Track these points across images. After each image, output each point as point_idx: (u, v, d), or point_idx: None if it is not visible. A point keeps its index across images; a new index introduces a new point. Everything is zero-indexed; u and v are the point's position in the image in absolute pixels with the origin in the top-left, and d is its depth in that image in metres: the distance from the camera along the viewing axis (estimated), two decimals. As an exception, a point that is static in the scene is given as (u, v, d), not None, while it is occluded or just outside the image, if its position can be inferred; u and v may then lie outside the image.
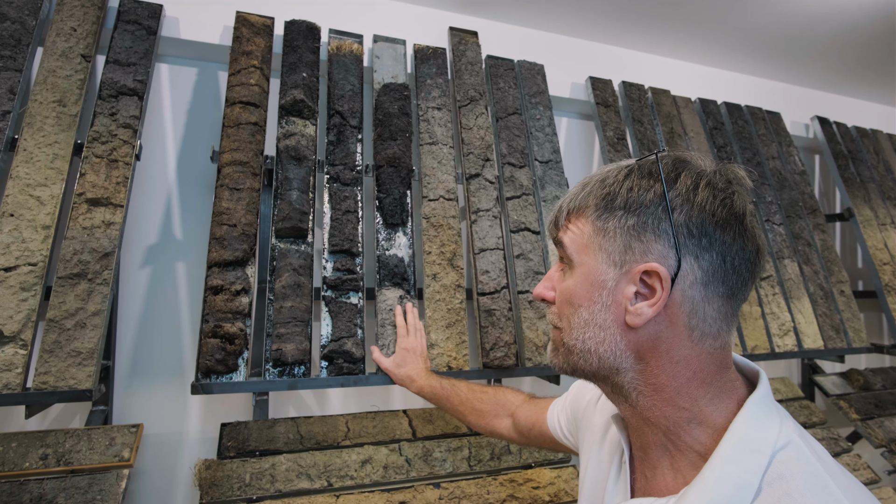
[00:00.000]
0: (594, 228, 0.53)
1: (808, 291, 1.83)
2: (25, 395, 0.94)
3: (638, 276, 0.51)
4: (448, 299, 1.31)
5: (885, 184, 2.24)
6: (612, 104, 1.82)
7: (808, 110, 2.36)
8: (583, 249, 0.54)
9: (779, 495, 0.44)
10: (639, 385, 0.54)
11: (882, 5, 1.74)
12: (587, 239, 0.54)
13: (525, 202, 1.50)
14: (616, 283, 0.52)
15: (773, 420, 0.49)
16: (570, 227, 0.56)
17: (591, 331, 0.53)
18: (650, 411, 0.54)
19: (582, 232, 0.54)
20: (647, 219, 0.51)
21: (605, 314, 0.52)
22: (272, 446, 1.15)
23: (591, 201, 0.54)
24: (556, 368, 0.58)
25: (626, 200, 0.52)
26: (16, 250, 1.01)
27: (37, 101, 1.12)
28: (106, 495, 0.96)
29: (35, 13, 1.20)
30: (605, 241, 0.52)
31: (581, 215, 0.55)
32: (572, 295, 0.55)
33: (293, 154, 1.27)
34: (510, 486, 1.21)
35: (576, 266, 0.55)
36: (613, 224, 0.52)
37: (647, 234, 0.50)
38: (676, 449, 0.53)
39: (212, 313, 1.08)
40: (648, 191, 0.51)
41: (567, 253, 0.56)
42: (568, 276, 0.56)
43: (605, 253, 0.52)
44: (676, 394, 0.52)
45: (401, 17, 1.67)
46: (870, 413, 1.64)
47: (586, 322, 0.53)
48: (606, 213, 0.53)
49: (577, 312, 0.54)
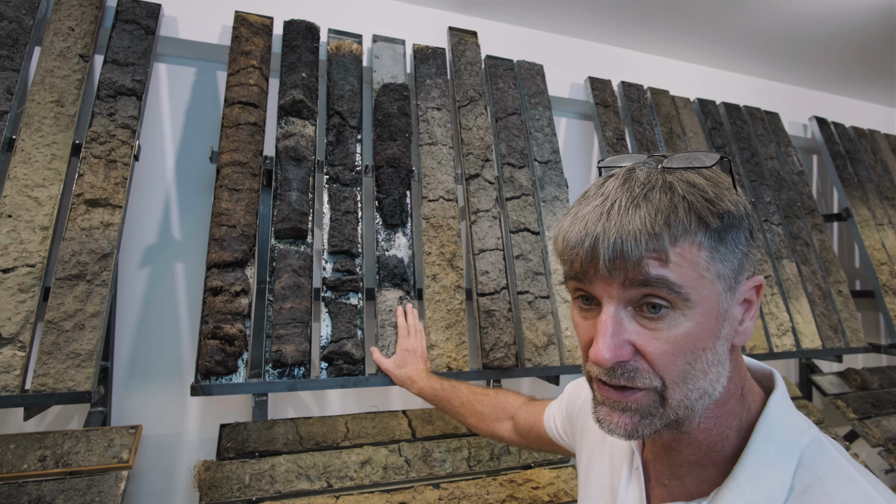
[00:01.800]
0: (711, 254, 0.44)
1: (807, 291, 1.84)
2: (24, 396, 0.94)
3: (744, 295, 0.47)
4: (448, 300, 1.31)
5: (883, 184, 2.25)
6: (611, 104, 1.82)
7: (807, 111, 2.37)
8: (699, 282, 0.44)
9: (815, 493, 0.44)
10: (710, 408, 0.49)
11: (880, 7, 1.74)
12: (703, 269, 0.44)
13: (524, 203, 1.50)
14: (731, 308, 0.46)
15: (794, 419, 0.50)
16: (677, 260, 0.43)
17: (713, 371, 0.46)
18: (706, 432, 0.50)
19: (695, 262, 0.44)
20: (747, 233, 0.47)
21: (725, 346, 0.47)
22: (272, 447, 1.15)
23: (707, 220, 0.44)
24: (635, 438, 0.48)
25: (733, 215, 0.45)
26: (14, 251, 1.00)
27: (34, 101, 1.12)
28: (105, 497, 0.96)
29: (32, 12, 1.19)
30: (721, 267, 0.45)
31: (688, 240, 0.44)
32: (696, 340, 0.45)
33: (292, 154, 1.27)
34: (510, 487, 1.21)
35: (693, 303, 0.44)
36: (730, 245, 0.45)
37: (749, 248, 0.47)
38: (710, 461, 0.51)
39: (211, 314, 1.07)
40: (739, 202, 0.47)
41: (678, 293, 0.44)
42: (677, 319, 0.44)
43: (722, 280, 0.45)
44: (732, 403, 0.50)
45: (400, 16, 1.67)
46: (867, 412, 1.65)
47: (710, 364, 0.46)
48: (724, 234, 0.45)
49: (700, 358, 0.45)
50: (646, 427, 0.47)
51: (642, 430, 0.47)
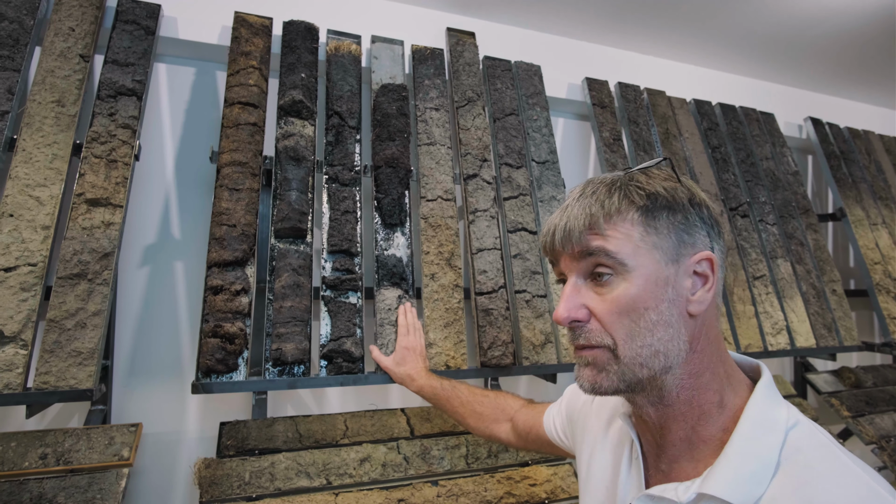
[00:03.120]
0: (644, 228, 0.54)
1: (801, 291, 1.85)
2: (26, 394, 0.95)
3: (693, 267, 0.54)
4: (446, 299, 1.32)
5: (877, 184, 2.27)
6: (608, 105, 1.83)
7: (802, 111, 2.38)
8: (636, 251, 0.53)
9: (798, 467, 0.48)
10: (683, 378, 0.55)
11: (874, 9, 1.76)
12: (638, 240, 0.54)
13: (522, 202, 1.51)
14: (676, 277, 0.54)
15: (780, 403, 0.54)
16: (612, 233, 0.54)
17: (660, 331, 0.53)
18: (686, 404, 0.56)
19: (629, 235, 0.54)
20: (687, 215, 0.55)
21: (672, 310, 0.54)
22: (271, 445, 1.16)
23: (635, 200, 0.54)
24: (599, 392, 0.55)
25: (666, 199, 0.55)
26: (15, 251, 1.01)
27: (35, 101, 1.12)
28: (106, 494, 0.97)
29: (33, 13, 1.20)
30: (658, 239, 0.54)
31: (622, 218, 0.54)
32: (635, 300, 0.53)
33: (292, 154, 1.28)
34: (507, 484, 1.23)
35: (631, 269, 0.53)
36: (664, 222, 0.54)
37: (691, 228, 0.55)
38: (700, 439, 0.56)
39: (212, 313, 1.08)
40: (677, 190, 0.56)
41: (616, 258, 0.53)
42: (618, 283, 0.54)
43: (660, 251, 0.54)
44: (713, 376, 0.56)
45: (398, 17, 1.68)
46: (860, 410, 1.67)
47: (655, 323, 0.53)
48: (654, 212, 0.54)
49: (643, 316, 0.53)
50: (604, 380, 0.55)
51: (601, 382, 0.55)
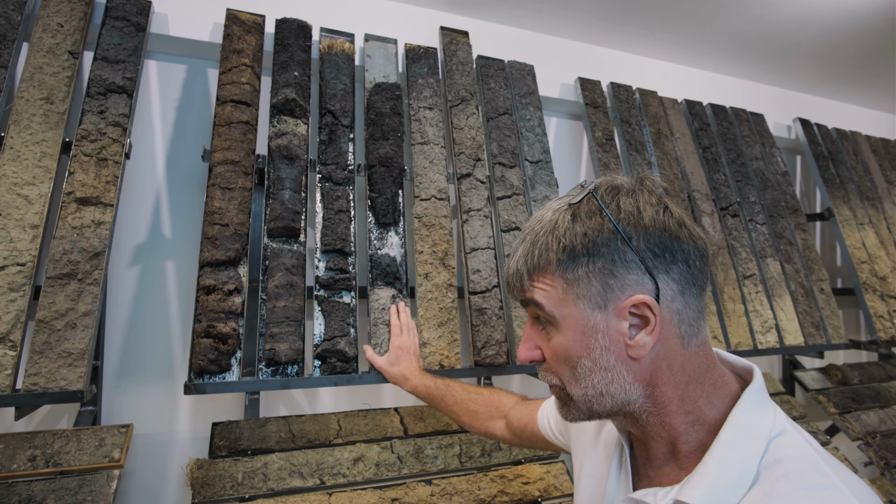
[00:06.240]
0: (565, 281, 0.53)
1: (790, 289, 1.88)
2: (15, 396, 0.93)
3: (626, 311, 0.51)
4: (440, 298, 1.32)
5: (864, 184, 2.30)
6: (600, 105, 1.84)
7: (791, 112, 2.41)
8: (561, 303, 0.53)
9: (776, 477, 0.47)
10: (649, 407, 0.55)
11: (863, 12, 1.78)
12: (561, 292, 0.53)
13: (515, 202, 1.52)
14: (606, 323, 0.52)
15: (767, 410, 0.53)
16: (537, 286, 0.55)
17: (598, 375, 0.53)
18: (658, 427, 0.56)
19: (553, 287, 0.54)
20: (612, 255, 0.51)
21: (607, 356, 0.53)
22: (264, 445, 1.15)
23: (550, 256, 0.53)
24: (570, 420, 0.58)
25: (585, 245, 0.52)
26: (4, 250, 0.99)
27: (23, 98, 1.10)
28: (96, 496, 0.96)
29: (20, 8, 1.18)
30: (580, 289, 0.52)
31: (544, 272, 0.54)
32: (567, 350, 0.54)
33: (285, 153, 1.27)
34: (501, 482, 1.23)
35: (559, 321, 0.54)
36: (583, 271, 0.52)
37: (618, 270, 0.51)
38: (681, 453, 0.55)
39: (204, 313, 1.07)
40: (601, 229, 0.52)
41: (545, 311, 0.55)
42: (553, 333, 0.55)
43: (584, 300, 0.52)
44: (680, 402, 0.54)
45: (392, 16, 1.68)
46: (847, 407, 1.69)
47: (590, 370, 0.53)
48: (571, 263, 0.52)
49: (578, 364, 0.54)
50: (569, 413, 0.58)
51: (567, 414, 0.58)
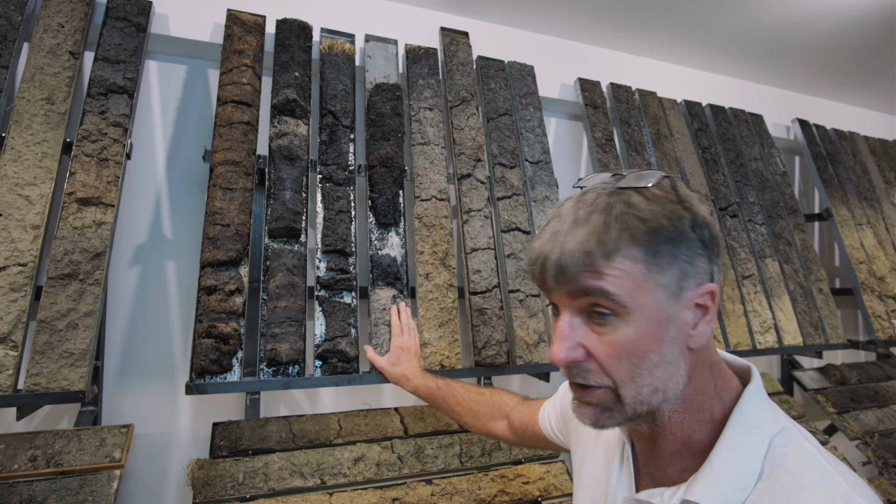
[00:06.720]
0: (646, 266, 0.49)
1: (789, 290, 1.89)
2: (17, 396, 0.94)
3: (695, 300, 0.50)
4: (440, 298, 1.33)
5: (862, 185, 2.31)
6: (600, 105, 1.85)
7: (790, 113, 2.42)
8: (636, 291, 0.48)
9: (780, 474, 0.48)
10: (676, 404, 0.53)
11: (861, 12, 1.79)
12: (640, 279, 0.48)
13: (515, 202, 1.52)
14: (677, 313, 0.50)
15: (767, 409, 0.54)
16: (611, 272, 0.48)
17: (661, 370, 0.50)
18: (676, 425, 0.54)
19: (629, 273, 0.48)
20: (689, 242, 0.50)
21: (672, 349, 0.50)
22: (265, 445, 1.16)
23: (636, 236, 0.49)
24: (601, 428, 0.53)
25: (669, 230, 0.49)
26: (5, 251, 0.99)
27: (24, 98, 1.11)
28: (97, 496, 0.96)
29: (21, 9, 1.18)
30: (660, 276, 0.49)
31: (622, 256, 0.48)
32: (637, 344, 0.49)
33: (286, 154, 1.27)
34: (501, 482, 1.24)
35: (631, 311, 0.49)
36: (666, 257, 0.49)
37: (693, 257, 0.50)
38: (688, 451, 0.55)
39: (206, 313, 1.08)
40: (680, 215, 0.50)
41: (614, 300, 0.49)
42: (619, 325, 0.49)
43: (662, 288, 0.49)
44: (703, 397, 0.54)
45: (392, 16, 1.68)
46: (845, 407, 1.70)
47: (655, 364, 0.50)
48: (657, 247, 0.49)
49: (644, 359, 0.49)
50: (608, 419, 0.52)
51: (605, 421, 0.53)
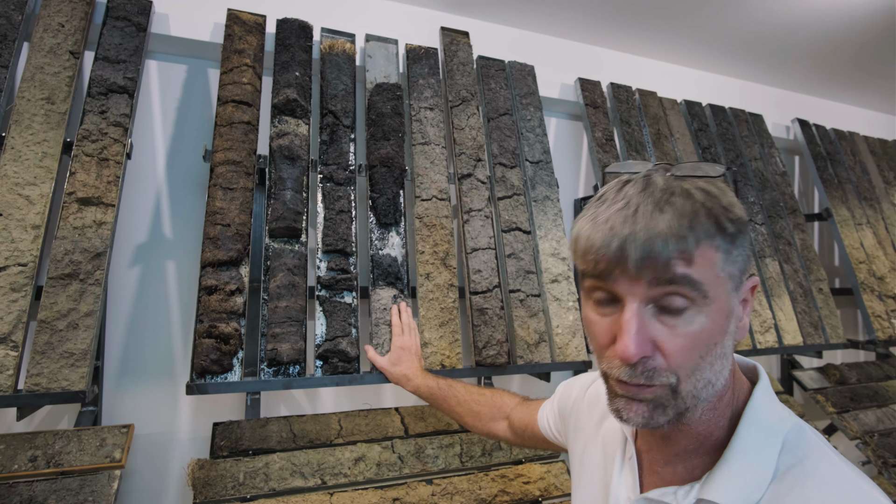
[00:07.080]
0: (725, 256, 0.47)
1: (789, 289, 1.89)
2: (17, 396, 0.93)
3: (745, 294, 0.50)
4: (441, 298, 1.33)
5: (862, 185, 2.31)
6: (600, 105, 1.85)
7: (789, 113, 2.42)
8: (715, 282, 0.47)
9: (794, 469, 0.49)
10: (709, 400, 0.51)
11: (861, 12, 1.79)
12: (719, 269, 0.47)
13: (516, 202, 1.52)
14: (736, 306, 0.50)
15: (777, 407, 0.54)
16: (699, 260, 0.46)
17: (719, 362, 0.49)
18: (704, 423, 0.53)
19: (712, 263, 0.47)
20: (748, 236, 0.50)
21: (729, 341, 0.50)
22: (265, 445, 1.16)
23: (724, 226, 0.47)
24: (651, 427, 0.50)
25: (744, 221, 0.49)
26: (5, 250, 0.99)
27: (24, 98, 1.10)
28: (98, 496, 0.96)
29: (21, 8, 1.17)
30: (731, 268, 0.48)
31: (709, 245, 0.46)
32: (709, 335, 0.47)
33: (286, 153, 1.27)
34: (501, 482, 1.24)
35: (710, 302, 0.47)
36: (740, 249, 0.48)
37: (749, 251, 0.50)
38: (704, 449, 0.54)
39: (206, 313, 1.07)
40: (743, 209, 0.50)
41: (699, 290, 0.46)
42: (696, 317, 0.47)
43: (730, 280, 0.48)
44: (729, 395, 0.54)
45: (392, 16, 1.68)
46: (845, 406, 1.70)
47: (717, 356, 0.49)
48: (737, 239, 0.48)
49: (711, 351, 0.48)
50: (659, 416, 0.49)
51: (657, 419, 0.49)
